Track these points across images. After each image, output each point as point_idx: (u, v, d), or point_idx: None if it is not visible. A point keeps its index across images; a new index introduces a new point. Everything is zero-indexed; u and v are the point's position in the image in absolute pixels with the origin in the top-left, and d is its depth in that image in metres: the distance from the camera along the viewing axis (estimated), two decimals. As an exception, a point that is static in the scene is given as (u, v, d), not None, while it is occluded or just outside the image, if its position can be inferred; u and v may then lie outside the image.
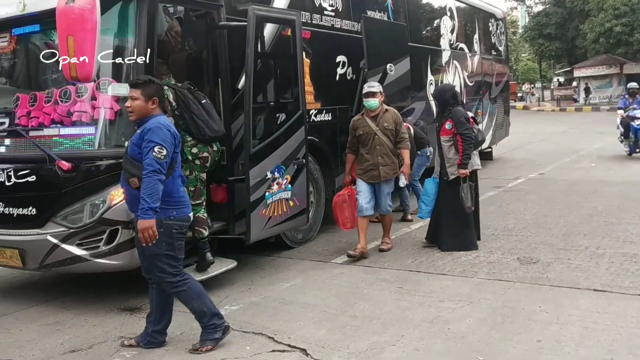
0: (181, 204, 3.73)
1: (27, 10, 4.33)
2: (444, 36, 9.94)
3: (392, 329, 4.03)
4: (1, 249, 4.66)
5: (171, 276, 3.73)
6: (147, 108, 3.62)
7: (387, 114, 5.77)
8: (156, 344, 3.90)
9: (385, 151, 5.72)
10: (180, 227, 3.73)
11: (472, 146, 5.68)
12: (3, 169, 4.53)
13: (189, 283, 3.80)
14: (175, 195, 3.69)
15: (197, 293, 3.81)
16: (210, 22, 5.18)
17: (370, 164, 5.74)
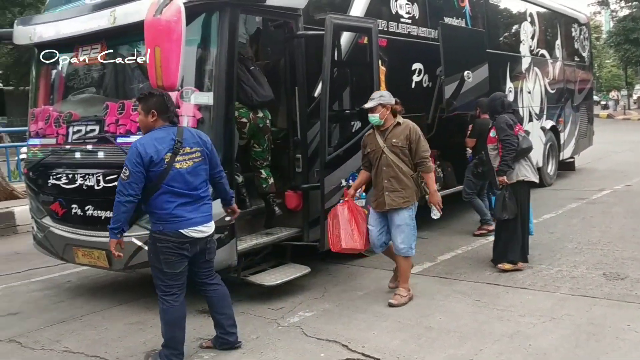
0: (169, 219, 3.62)
1: (117, 22, 4.53)
2: (524, 42, 9.64)
3: (469, 343, 3.92)
4: (90, 249, 4.90)
5: (159, 289, 3.75)
6: (148, 121, 3.68)
7: (397, 128, 4.73)
8: (229, 345, 3.98)
9: (393, 173, 4.68)
10: (167, 242, 3.64)
11: (512, 153, 5.31)
12: (93, 173, 4.76)
13: (170, 305, 3.73)
14: (161, 210, 3.63)
15: (172, 321, 3.76)
16: (288, 32, 5.27)
17: (377, 189, 4.81)
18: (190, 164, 3.65)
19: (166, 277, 3.72)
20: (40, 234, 5.40)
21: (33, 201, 5.50)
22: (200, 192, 3.72)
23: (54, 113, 5.28)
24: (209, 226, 3.78)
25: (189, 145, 3.66)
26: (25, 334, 4.49)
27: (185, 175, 3.64)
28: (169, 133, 3.65)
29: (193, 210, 3.68)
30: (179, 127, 3.73)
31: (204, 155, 3.73)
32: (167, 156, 3.59)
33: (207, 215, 3.78)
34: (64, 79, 5.47)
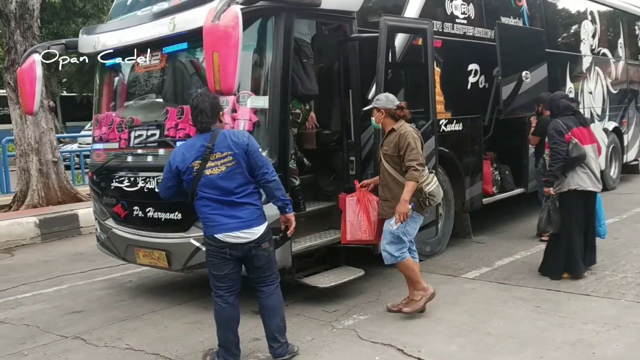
0: (207, 223, 3.72)
1: (176, 29, 4.65)
2: (585, 41, 9.34)
3: (529, 349, 3.82)
4: (150, 250, 5.05)
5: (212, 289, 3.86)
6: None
7: (390, 135, 4.51)
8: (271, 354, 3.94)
9: (384, 182, 4.53)
10: (209, 245, 3.75)
11: (560, 162, 5.03)
12: (154, 176, 4.91)
13: (218, 306, 3.82)
14: (201, 214, 3.76)
15: (220, 322, 3.85)
16: (343, 35, 5.28)
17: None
18: (223, 169, 3.61)
19: (213, 278, 3.80)
20: (104, 235, 5.60)
21: (97, 203, 5.71)
22: (237, 197, 3.65)
23: (117, 118, 5.47)
24: (248, 232, 3.67)
25: (219, 150, 3.62)
26: (89, 331, 4.66)
27: (217, 182, 3.61)
28: (200, 140, 3.68)
29: (229, 215, 3.65)
30: (214, 132, 3.67)
31: (237, 158, 3.63)
32: (196, 163, 3.62)
33: (247, 220, 3.67)
34: (126, 85, 5.66)
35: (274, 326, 3.85)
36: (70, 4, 21.38)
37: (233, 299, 3.82)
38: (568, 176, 5.14)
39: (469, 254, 6.35)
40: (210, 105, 3.72)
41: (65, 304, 5.45)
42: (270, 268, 3.85)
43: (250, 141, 3.71)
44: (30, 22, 9.58)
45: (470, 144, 6.70)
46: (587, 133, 5.29)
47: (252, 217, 3.69)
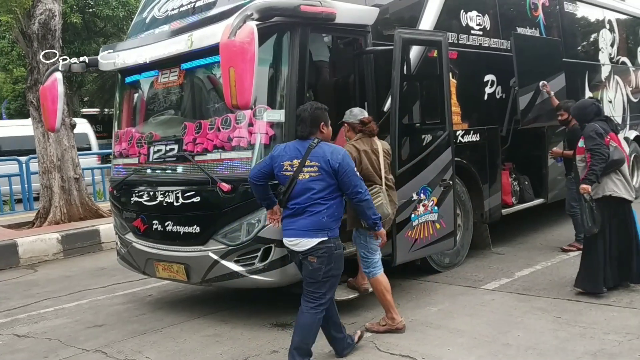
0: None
1: (194, 46, 4.73)
2: (603, 50, 9.27)
3: (541, 359, 3.77)
4: (170, 263, 5.10)
5: None
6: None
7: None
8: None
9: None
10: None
11: (602, 163, 4.84)
12: (173, 190, 4.98)
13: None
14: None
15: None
16: (358, 48, 5.32)
17: None
18: (307, 177, 3.78)
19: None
20: (124, 250, 5.68)
21: (117, 218, 5.79)
22: (304, 205, 3.77)
23: (136, 134, 5.57)
24: (298, 241, 3.78)
25: (310, 159, 3.79)
26: (110, 345, 4.71)
27: (299, 185, 3.80)
28: (299, 145, 3.89)
29: (291, 222, 3.83)
30: (315, 141, 3.83)
31: (321, 172, 3.76)
32: (287, 164, 3.83)
33: (301, 230, 3.76)
34: (145, 101, 5.76)
35: (294, 342, 3.83)
36: (92, 24, 21.81)
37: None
38: (602, 182, 4.96)
39: (488, 265, 6.30)
40: (311, 116, 3.90)
41: (87, 318, 5.52)
42: (314, 285, 3.80)
43: (344, 162, 3.79)
44: (52, 42, 9.80)
45: (487, 155, 6.67)
46: (618, 140, 5.18)
47: (307, 228, 3.77)
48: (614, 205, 5.01)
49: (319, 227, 3.75)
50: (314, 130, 3.88)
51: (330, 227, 3.78)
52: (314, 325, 3.82)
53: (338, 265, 3.83)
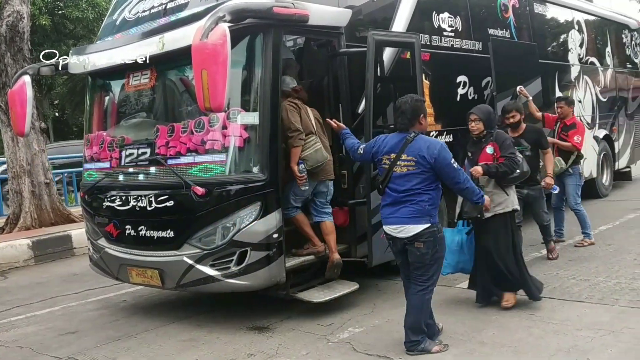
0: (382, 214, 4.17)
1: (165, 48, 4.67)
2: (572, 50, 9.44)
3: (524, 357, 3.82)
4: (143, 269, 5.03)
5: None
6: None
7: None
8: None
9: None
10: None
11: (513, 171, 4.74)
12: (145, 195, 4.91)
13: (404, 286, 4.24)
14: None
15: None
16: (331, 50, 5.33)
17: None
18: (404, 170, 3.96)
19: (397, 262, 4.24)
20: (96, 255, 5.59)
21: (89, 223, 5.70)
22: (404, 195, 3.96)
23: (108, 138, 5.48)
24: (402, 228, 3.97)
25: (407, 153, 3.96)
26: (83, 352, 4.62)
27: (396, 179, 3.99)
28: (399, 138, 4.06)
29: (393, 210, 4.01)
30: (413, 135, 4.00)
31: (419, 166, 3.93)
32: (385, 157, 4.05)
33: (404, 217, 3.96)
34: (116, 104, 5.69)
35: (407, 322, 4.05)
36: (61, 26, 21.45)
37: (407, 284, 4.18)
38: (510, 194, 4.86)
39: (463, 264, 6.34)
40: (412, 108, 4.06)
41: (59, 325, 5.41)
42: (422, 268, 4.01)
43: (440, 156, 3.93)
44: (21, 44, 9.63)
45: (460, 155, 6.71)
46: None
47: (409, 215, 3.96)
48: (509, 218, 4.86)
49: (422, 214, 3.95)
50: (414, 122, 4.05)
51: (432, 214, 3.99)
52: (425, 305, 4.05)
53: (442, 247, 4.07)
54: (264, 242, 4.60)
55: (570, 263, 6.09)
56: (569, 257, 6.32)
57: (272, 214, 4.62)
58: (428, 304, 4.07)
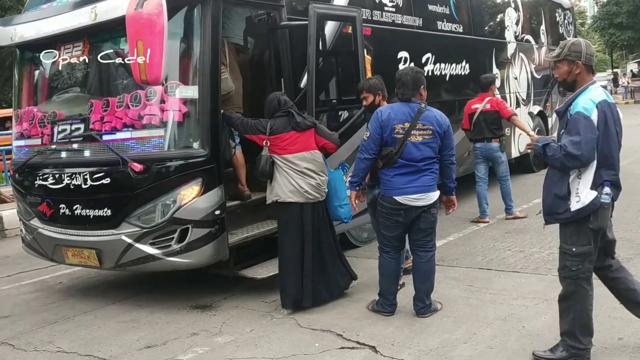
0: (388, 186, 4.11)
1: (98, 19, 4.44)
2: (509, 28, 9.65)
3: (463, 327, 3.93)
4: (79, 249, 4.86)
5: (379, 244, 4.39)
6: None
7: None
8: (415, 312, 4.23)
9: None
10: (384, 207, 4.16)
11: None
12: (80, 172, 4.72)
13: (384, 260, 4.30)
14: (384, 176, 4.14)
15: (385, 274, 4.30)
16: (272, 23, 5.23)
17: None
18: (420, 139, 4.01)
19: (383, 237, 4.29)
20: (29, 236, 5.36)
21: (21, 203, 5.45)
22: (423, 165, 4.05)
23: (38, 113, 5.22)
24: (424, 196, 4.04)
25: (422, 122, 4.03)
26: (17, 336, 4.45)
27: (411, 148, 4.02)
28: (407, 108, 4.09)
29: (411, 180, 4.03)
30: (420, 106, 4.07)
31: (435, 135, 4.04)
32: (399, 127, 4.02)
33: (425, 186, 4.04)
34: (47, 78, 5.40)
35: (424, 289, 4.19)
36: (-14, -4, 20.24)
37: (397, 256, 4.31)
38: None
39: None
40: (413, 79, 4.14)
41: (-9, 310, 5.19)
42: (432, 234, 4.21)
43: (449, 127, 4.15)
44: (-59, 14, 9.01)
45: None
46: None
47: (429, 183, 4.08)
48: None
49: (435, 182, 4.14)
50: (415, 93, 4.13)
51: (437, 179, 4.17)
52: (434, 269, 4.24)
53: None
54: (206, 219, 4.52)
55: (506, 235, 6.30)
56: (505, 229, 6.54)
57: (214, 190, 4.53)
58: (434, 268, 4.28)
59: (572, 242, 3.25)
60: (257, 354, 3.79)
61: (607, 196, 3.15)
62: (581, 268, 3.25)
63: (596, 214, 3.16)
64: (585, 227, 3.19)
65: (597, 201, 3.15)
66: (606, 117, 3.13)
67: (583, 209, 3.17)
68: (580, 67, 3.21)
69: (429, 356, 3.55)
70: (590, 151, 3.09)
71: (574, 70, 3.23)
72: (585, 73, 3.24)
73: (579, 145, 3.06)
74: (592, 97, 3.15)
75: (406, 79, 4.15)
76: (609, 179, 3.17)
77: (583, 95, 3.18)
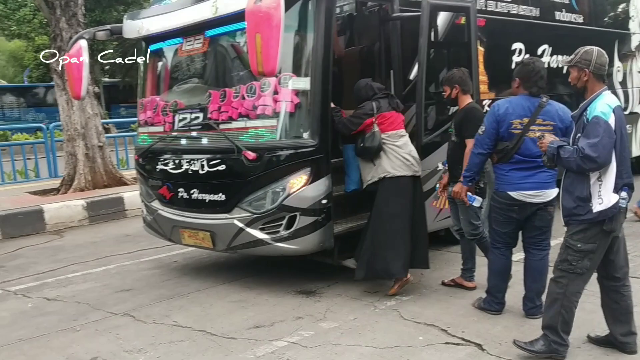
0: (503, 181, 4.01)
1: (219, 13, 4.67)
2: (634, 18, 9.00)
3: (577, 332, 3.75)
4: (195, 231, 5.15)
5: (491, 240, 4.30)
6: (513, 87, 4.09)
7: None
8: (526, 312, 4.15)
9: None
10: (498, 202, 4.06)
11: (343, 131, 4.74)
12: (198, 159, 5.00)
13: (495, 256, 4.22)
14: (499, 170, 4.05)
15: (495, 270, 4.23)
16: (384, 15, 5.23)
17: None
18: (539, 134, 3.77)
19: (495, 233, 4.18)
20: (150, 217, 5.74)
21: (143, 186, 5.85)
22: (540, 161, 3.83)
23: (161, 102, 5.57)
24: (541, 193, 3.93)
25: (543, 117, 3.90)
26: (138, 309, 4.80)
27: (529, 143, 3.89)
28: (527, 102, 3.94)
29: (528, 176, 3.93)
30: (542, 100, 3.94)
31: (556, 130, 3.87)
32: (517, 122, 3.90)
33: (542, 183, 3.94)
34: (170, 69, 5.75)
35: (535, 288, 4.10)
36: (112, -8, 21.76)
37: (509, 253, 4.19)
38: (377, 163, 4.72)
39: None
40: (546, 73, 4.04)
41: (114, 283, 5.62)
42: (547, 232, 4.09)
43: (572, 122, 3.78)
44: (75, 9, 9.79)
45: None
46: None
47: (547, 180, 3.97)
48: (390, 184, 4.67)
49: (554, 179, 4.00)
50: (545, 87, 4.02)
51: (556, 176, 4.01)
52: (546, 268, 4.07)
53: None
54: (313, 208, 4.63)
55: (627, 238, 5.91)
56: (624, 232, 6.13)
57: (322, 179, 4.63)
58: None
59: (578, 239, 3.36)
60: (361, 342, 3.85)
61: (624, 200, 3.30)
62: (580, 264, 3.38)
63: (612, 217, 3.27)
64: (597, 227, 3.30)
65: (617, 205, 3.26)
66: (622, 122, 3.27)
67: (604, 211, 3.27)
68: (588, 75, 3.36)
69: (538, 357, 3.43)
70: (607, 154, 3.20)
71: (582, 77, 3.38)
72: (595, 81, 3.37)
73: (596, 147, 3.17)
74: (609, 102, 3.29)
75: (544, 73, 3.98)
76: (626, 183, 3.30)
77: (599, 100, 3.29)
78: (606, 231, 3.31)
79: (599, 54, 3.38)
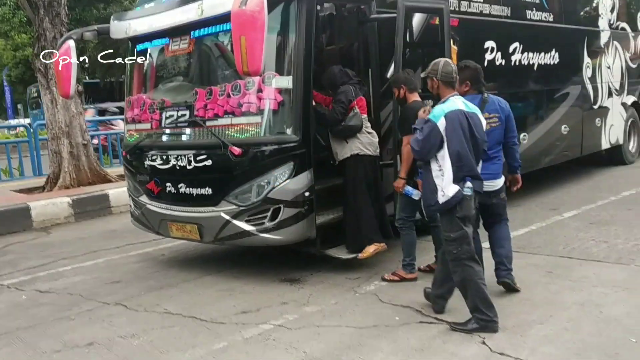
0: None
1: (204, 15, 4.87)
2: (603, 16, 9.38)
3: (540, 310, 4.06)
4: (183, 224, 5.37)
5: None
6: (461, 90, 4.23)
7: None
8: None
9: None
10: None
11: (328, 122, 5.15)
12: (185, 154, 5.21)
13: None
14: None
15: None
16: (362, 16, 5.48)
17: None
18: (488, 127, 4.09)
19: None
20: (138, 211, 5.94)
21: (130, 181, 6.04)
22: (493, 152, 4.26)
23: (148, 100, 5.77)
24: (495, 182, 4.27)
25: (488, 111, 4.22)
26: (129, 299, 5.00)
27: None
28: (476, 100, 4.21)
29: (483, 167, 4.12)
30: (484, 96, 4.30)
31: (501, 121, 4.29)
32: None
33: (496, 173, 4.28)
34: (156, 68, 5.95)
35: (503, 253, 4.42)
36: (92, -9, 21.67)
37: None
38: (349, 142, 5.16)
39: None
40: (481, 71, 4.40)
41: (104, 276, 5.81)
42: (504, 213, 4.46)
43: (510, 110, 4.35)
44: (58, 9, 9.91)
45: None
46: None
47: (497, 170, 4.32)
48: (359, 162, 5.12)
49: (501, 169, 4.36)
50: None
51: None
52: (510, 236, 4.51)
53: None
54: (296, 200, 4.88)
55: (591, 226, 6.26)
56: (590, 220, 6.49)
57: (304, 173, 4.88)
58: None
59: (447, 230, 3.80)
60: (342, 323, 4.11)
61: (469, 189, 3.71)
62: (460, 250, 3.76)
63: (461, 205, 3.70)
64: (451, 214, 3.75)
65: (460, 193, 3.69)
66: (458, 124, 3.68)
67: (449, 200, 3.71)
68: (437, 83, 3.87)
69: (503, 334, 3.72)
70: (427, 151, 3.76)
71: (434, 85, 3.91)
72: (444, 87, 3.87)
73: (419, 142, 3.78)
74: (445, 107, 3.76)
75: (480, 72, 4.35)
76: (468, 174, 3.71)
77: (439, 105, 3.82)
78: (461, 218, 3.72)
79: (445, 64, 3.87)
